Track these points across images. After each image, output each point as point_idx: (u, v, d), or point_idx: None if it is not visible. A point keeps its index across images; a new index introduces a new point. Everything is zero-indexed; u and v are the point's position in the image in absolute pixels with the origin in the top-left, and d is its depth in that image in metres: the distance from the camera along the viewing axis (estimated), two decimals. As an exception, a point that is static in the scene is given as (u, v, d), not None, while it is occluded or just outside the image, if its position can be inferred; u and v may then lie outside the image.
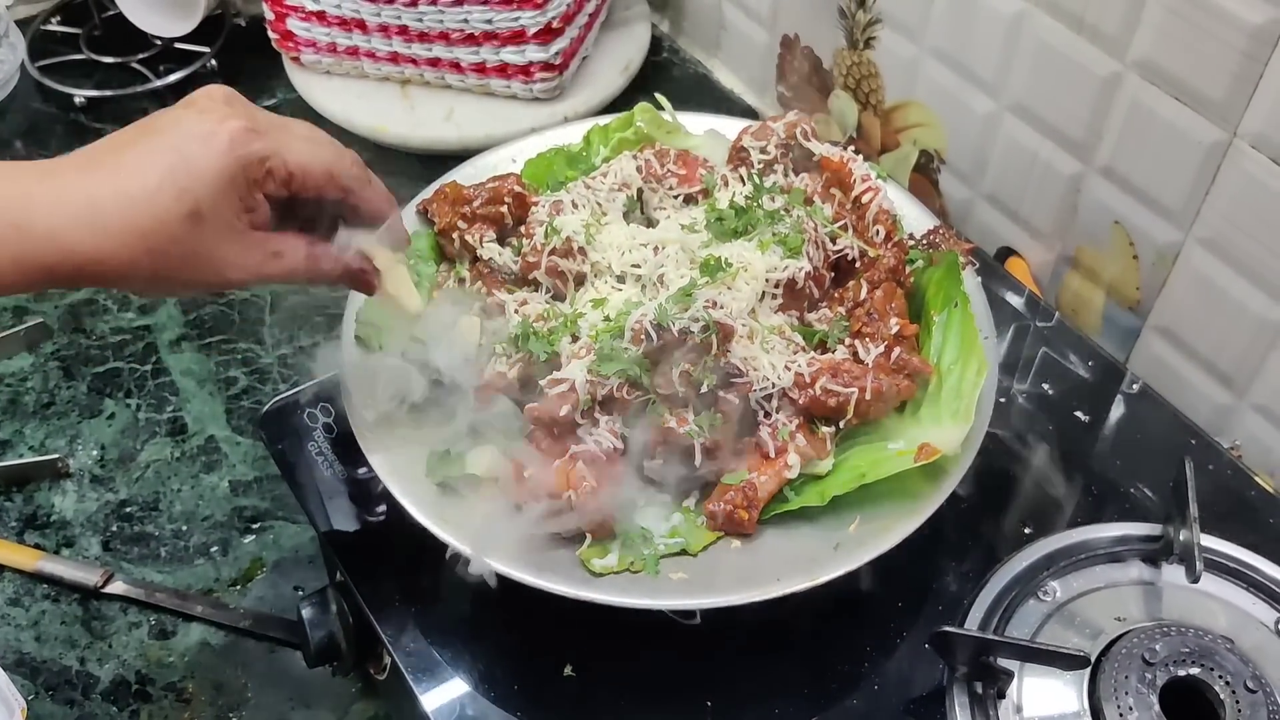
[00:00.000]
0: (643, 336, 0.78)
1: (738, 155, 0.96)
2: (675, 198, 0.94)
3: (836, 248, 0.88)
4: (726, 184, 0.93)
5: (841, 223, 0.90)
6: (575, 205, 0.91)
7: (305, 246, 0.73)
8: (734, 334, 0.79)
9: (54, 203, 0.65)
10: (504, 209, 0.92)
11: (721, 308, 0.79)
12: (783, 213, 0.87)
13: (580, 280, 0.87)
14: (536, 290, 0.88)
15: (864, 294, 0.86)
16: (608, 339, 0.80)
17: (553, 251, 0.87)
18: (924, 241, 0.92)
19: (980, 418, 0.80)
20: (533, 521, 0.77)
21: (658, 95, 1.05)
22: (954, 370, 0.83)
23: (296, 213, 0.74)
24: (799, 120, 0.95)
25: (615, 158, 0.97)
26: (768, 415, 0.81)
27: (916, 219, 0.95)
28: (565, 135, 1.04)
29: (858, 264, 0.89)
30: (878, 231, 0.90)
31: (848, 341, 0.85)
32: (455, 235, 0.92)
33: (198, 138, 0.67)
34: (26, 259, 0.64)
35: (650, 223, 0.94)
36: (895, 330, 0.84)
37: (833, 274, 0.89)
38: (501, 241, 0.93)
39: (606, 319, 0.82)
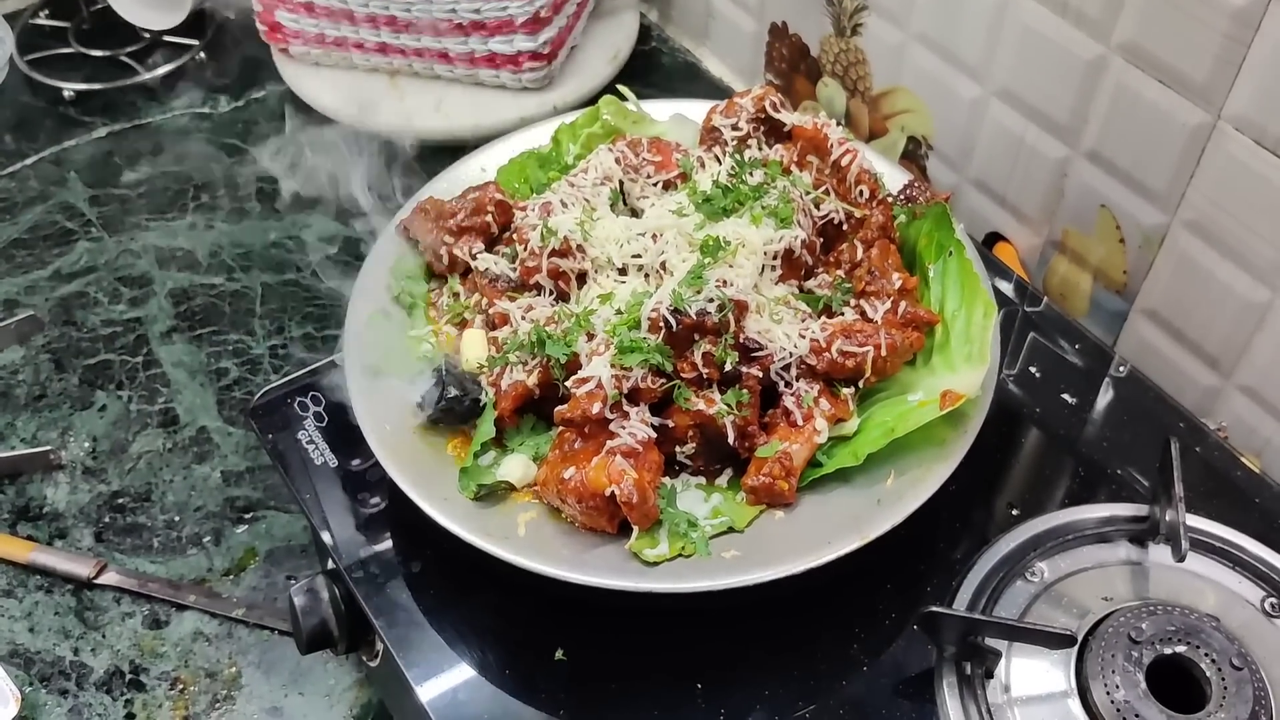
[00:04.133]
0: (661, 324, 0.79)
1: (710, 135, 0.97)
2: (655, 185, 0.94)
3: (822, 213, 0.90)
4: (703, 165, 0.94)
5: (823, 188, 0.91)
6: (565, 204, 0.91)
7: None
8: (748, 309, 0.80)
9: None
10: (488, 218, 0.93)
11: (731, 285, 0.80)
12: (768, 185, 0.88)
13: (582, 278, 0.88)
14: (539, 294, 0.88)
15: (860, 254, 0.88)
16: (625, 331, 0.80)
17: (552, 253, 0.87)
18: (901, 197, 0.94)
19: (991, 358, 0.82)
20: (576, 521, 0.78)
21: (620, 87, 1.06)
22: (959, 315, 0.84)
23: None
24: (766, 93, 0.96)
25: (590, 153, 0.97)
26: (789, 385, 0.82)
27: (889, 176, 0.97)
28: (533, 138, 1.04)
29: (844, 226, 0.90)
30: (861, 192, 0.91)
31: (853, 302, 0.86)
32: (444, 251, 0.92)
33: None
34: None
35: (635, 213, 0.94)
36: (898, 285, 0.86)
37: (820, 239, 0.90)
38: (490, 250, 0.93)
39: (618, 312, 0.83)
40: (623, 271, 0.87)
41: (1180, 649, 0.75)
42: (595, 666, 0.80)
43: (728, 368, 0.80)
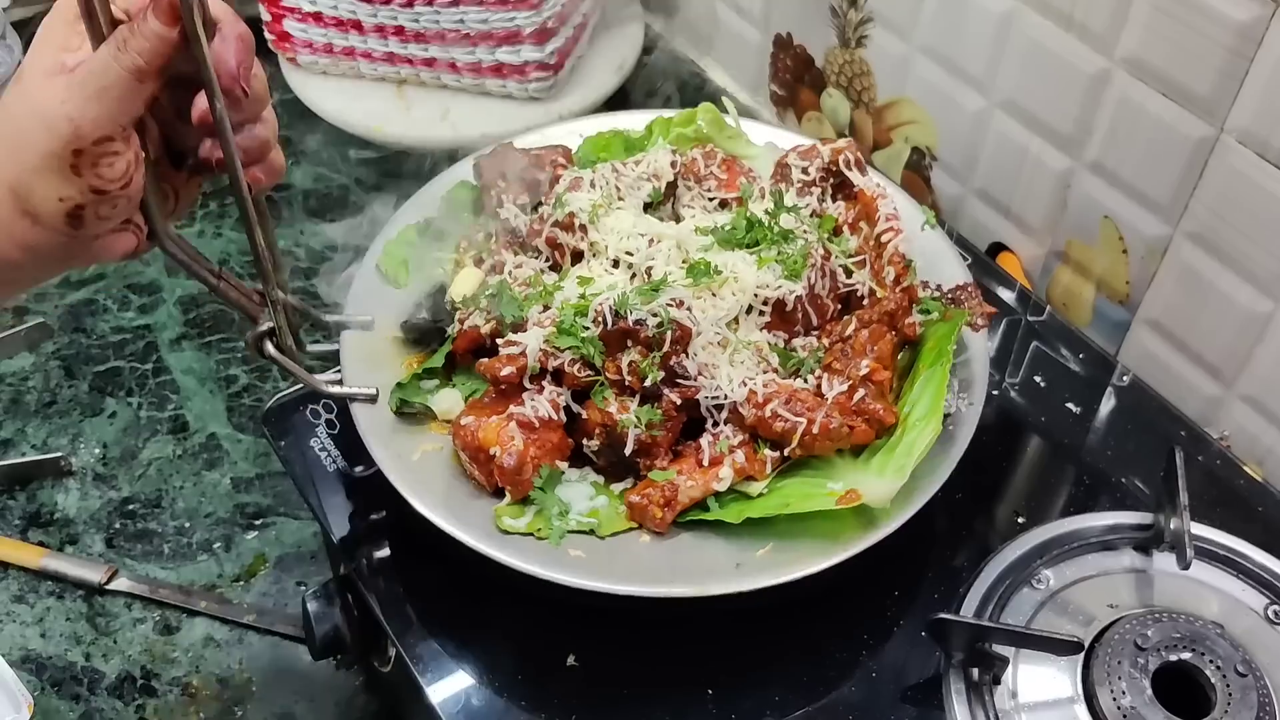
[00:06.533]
0: (601, 319, 0.80)
1: (780, 171, 0.97)
2: (710, 200, 0.95)
3: (849, 282, 0.88)
4: (763, 196, 0.93)
5: (861, 257, 0.89)
6: (594, 185, 0.92)
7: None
8: (691, 337, 0.80)
9: None
10: (543, 176, 0.95)
11: (688, 309, 0.80)
12: (796, 234, 0.87)
13: (578, 256, 0.89)
14: (538, 257, 0.90)
15: (850, 330, 0.85)
16: (571, 314, 0.81)
17: (555, 223, 0.88)
18: (948, 295, 0.90)
19: (933, 478, 0.80)
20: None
21: (724, 98, 1.05)
22: (918, 427, 0.81)
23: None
24: (845, 148, 0.94)
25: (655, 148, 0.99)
26: (715, 425, 0.82)
27: (951, 273, 0.93)
28: (630, 121, 1.06)
29: (866, 301, 0.88)
30: (890, 273, 0.89)
31: (817, 373, 0.84)
32: (494, 192, 0.95)
33: None
34: None
35: (677, 218, 0.95)
36: (864, 372, 0.82)
37: (840, 306, 0.89)
38: (536, 207, 0.94)
39: (582, 297, 0.84)
40: (616, 264, 0.88)
41: (1185, 656, 0.75)
42: (607, 672, 0.81)
43: (648, 383, 0.80)
